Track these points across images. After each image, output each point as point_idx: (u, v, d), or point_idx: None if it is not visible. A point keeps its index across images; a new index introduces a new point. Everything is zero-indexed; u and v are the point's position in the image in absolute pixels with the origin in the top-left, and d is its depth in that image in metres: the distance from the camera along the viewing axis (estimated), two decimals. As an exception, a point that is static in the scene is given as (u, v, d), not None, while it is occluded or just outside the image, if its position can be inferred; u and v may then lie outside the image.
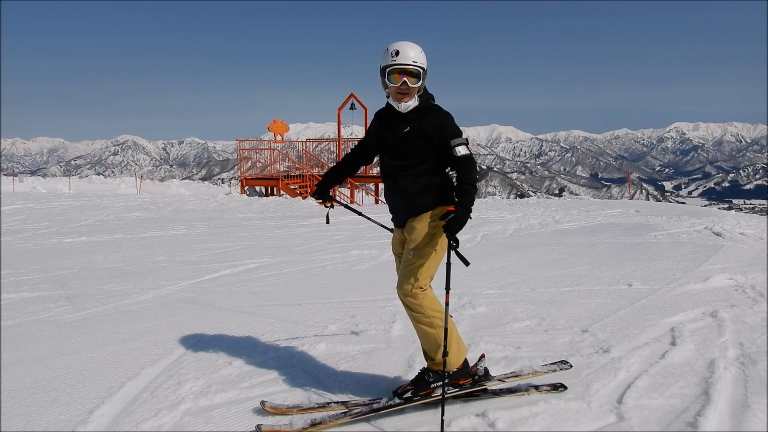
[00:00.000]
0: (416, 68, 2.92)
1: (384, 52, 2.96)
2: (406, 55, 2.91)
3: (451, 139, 2.93)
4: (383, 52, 2.97)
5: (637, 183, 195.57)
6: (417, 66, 2.92)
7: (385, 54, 2.95)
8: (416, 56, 2.93)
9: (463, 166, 2.92)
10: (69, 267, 7.17)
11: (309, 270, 6.91)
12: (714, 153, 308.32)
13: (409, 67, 2.91)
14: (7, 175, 25.63)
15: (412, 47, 2.94)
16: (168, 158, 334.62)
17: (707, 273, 6.04)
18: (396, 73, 2.93)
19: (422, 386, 3.04)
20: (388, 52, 2.94)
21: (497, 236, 9.55)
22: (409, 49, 2.93)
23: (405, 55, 2.91)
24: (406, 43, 2.95)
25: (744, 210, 61.64)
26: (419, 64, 2.93)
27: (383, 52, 2.97)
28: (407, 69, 2.92)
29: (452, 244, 2.84)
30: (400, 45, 2.94)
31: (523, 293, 5.48)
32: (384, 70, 2.96)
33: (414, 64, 2.92)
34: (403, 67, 2.92)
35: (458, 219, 2.82)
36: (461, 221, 2.82)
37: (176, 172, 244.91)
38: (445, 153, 2.95)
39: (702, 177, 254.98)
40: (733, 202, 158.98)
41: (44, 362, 3.81)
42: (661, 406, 3.02)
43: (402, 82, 2.93)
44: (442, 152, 2.96)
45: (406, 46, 2.94)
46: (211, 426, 2.92)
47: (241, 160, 21.65)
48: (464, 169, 2.91)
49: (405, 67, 2.92)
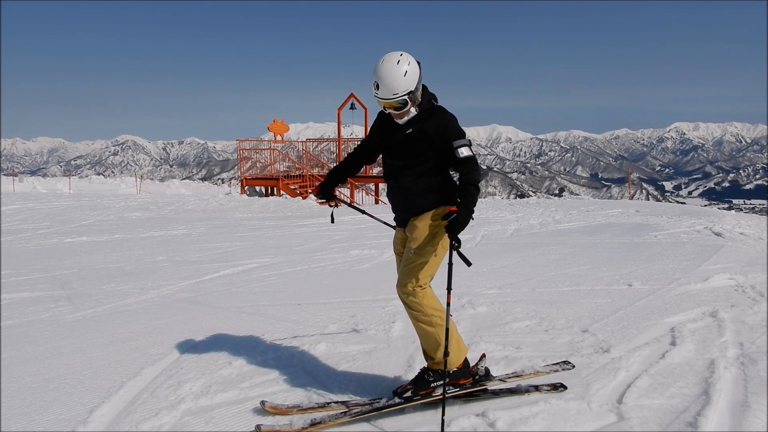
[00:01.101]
0: (399, 101, 2.86)
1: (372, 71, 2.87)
2: (386, 89, 2.83)
3: (453, 140, 2.92)
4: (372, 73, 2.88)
5: (637, 183, 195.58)
6: (399, 97, 2.84)
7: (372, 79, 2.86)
8: (397, 86, 2.81)
9: (465, 167, 2.91)
10: (69, 267, 7.18)
11: (309, 270, 6.91)
12: (714, 153, 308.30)
13: (391, 101, 2.86)
14: (7, 175, 25.63)
15: (394, 72, 2.81)
16: (168, 158, 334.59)
17: (707, 273, 6.04)
18: (381, 103, 2.92)
19: (422, 386, 3.04)
20: (372, 79, 2.86)
21: (497, 236, 9.55)
22: (390, 78, 2.81)
23: (385, 88, 2.83)
24: (387, 68, 2.82)
25: (744, 210, 61.65)
26: (401, 93, 2.84)
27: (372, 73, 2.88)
28: (389, 104, 2.89)
29: (454, 245, 2.84)
30: (380, 75, 2.82)
31: (523, 293, 5.48)
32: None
33: (395, 97, 2.84)
34: (384, 102, 2.89)
35: (460, 219, 2.81)
36: (463, 222, 2.82)
37: (176, 172, 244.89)
38: (447, 154, 2.94)
39: (702, 177, 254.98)
40: (733, 202, 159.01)
41: (44, 362, 3.81)
42: (661, 406, 3.03)
43: (389, 111, 2.94)
44: (445, 153, 2.95)
45: (386, 75, 2.81)
46: (211, 426, 2.92)
47: (241, 160, 21.65)
48: (467, 170, 2.90)
49: (386, 102, 2.88)
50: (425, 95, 3.02)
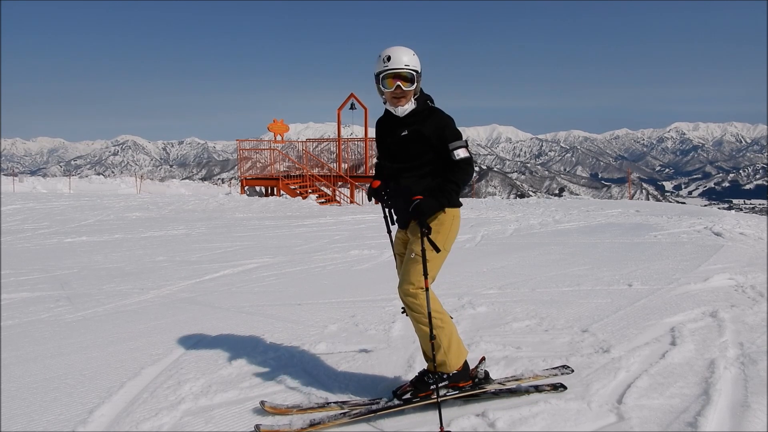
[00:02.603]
0: (409, 72, 2.94)
1: (377, 59, 2.99)
2: (397, 60, 2.93)
3: (450, 141, 2.95)
4: (376, 59, 3.00)
5: (637, 183, 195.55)
6: (409, 69, 2.94)
7: (378, 60, 2.98)
8: (408, 60, 2.94)
9: (459, 167, 2.95)
10: (69, 267, 7.18)
11: (309, 270, 6.91)
12: (714, 153, 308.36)
13: (402, 71, 2.94)
14: (7, 175, 25.63)
15: (404, 51, 2.96)
16: (168, 158, 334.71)
17: (707, 273, 6.04)
18: (389, 78, 2.96)
19: (422, 388, 3.04)
20: (380, 58, 2.97)
21: (497, 236, 9.55)
22: (400, 53, 2.94)
23: (396, 59, 2.93)
24: (397, 47, 2.97)
25: (744, 210, 61.60)
26: (412, 67, 2.95)
27: (376, 59, 3.00)
28: (400, 73, 2.94)
29: (424, 231, 2.92)
30: (391, 50, 2.96)
31: (523, 293, 5.48)
32: (378, 76, 2.99)
33: (406, 68, 2.93)
34: (396, 72, 2.94)
35: (422, 207, 2.88)
36: (425, 210, 2.89)
37: (176, 172, 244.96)
38: (443, 155, 2.97)
39: (702, 177, 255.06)
40: (733, 202, 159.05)
41: (44, 362, 3.80)
42: (661, 406, 3.02)
43: (396, 87, 2.96)
44: (442, 155, 2.98)
45: (397, 50, 2.95)
46: (211, 426, 2.92)
47: (241, 160, 21.65)
48: (459, 170, 2.95)
49: (398, 72, 2.94)
50: (422, 95, 3.06)
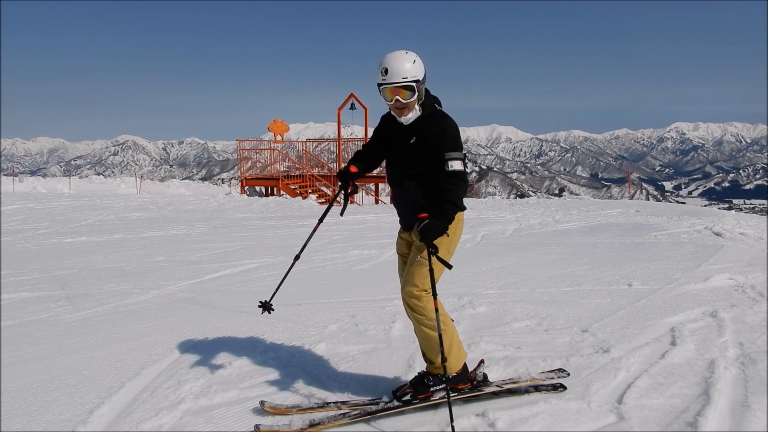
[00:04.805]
0: (408, 84, 2.85)
1: (377, 68, 2.90)
2: (395, 73, 2.84)
3: (447, 151, 2.87)
4: (377, 67, 2.91)
5: (637, 183, 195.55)
6: (408, 81, 2.85)
7: (377, 70, 2.89)
8: (407, 70, 2.85)
9: (450, 182, 2.86)
10: (69, 267, 7.17)
11: (309, 270, 6.91)
12: (714, 153, 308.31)
13: (400, 84, 2.85)
14: (7, 175, 25.62)
15: (403, 60, 2.85)
16: (168, 158, 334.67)
17: (707, 273, 6.04)
18: (388, 91, 2.89)
19: (421, 389, 3.04)
20: (379, 68, 2.88)
21: (497, 236, 9.54)
22: (399, 64, 2.84)
23: (394, 72, 2.84)
24: (395, 56, 2.87)
25: (744, 210, 61.64)
26: (410, 78, 2.85)
27: (377, 67, 2.91)
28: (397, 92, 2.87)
29: (431, 251, 2.83)
30: (389, 61, 2.86)
31: (523, 293, 5.48)
32: (378, 87, 2.92)
33: (404, 81, 2.84)
34: (393, 86, 2.87)
35: (432, 227, 2.79)
36: (433, 231, 2.79)
37: (176, 172, 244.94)
38: (438, 161, 2.89)
39: (702, 177, 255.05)
40: (733, 202, 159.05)
41: (44, 362, 3.81)
42: (661, 406, 3.02)
43: (395, 100, 2.89)
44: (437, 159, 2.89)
45: (395, 61, 2.85)
46: (211, 426, 2.92)
47: (241, 160, 21.64)
48: (450, 185, 2.86)
49: (395, 86, 2.86)
50: (428, 98, 3.00)
